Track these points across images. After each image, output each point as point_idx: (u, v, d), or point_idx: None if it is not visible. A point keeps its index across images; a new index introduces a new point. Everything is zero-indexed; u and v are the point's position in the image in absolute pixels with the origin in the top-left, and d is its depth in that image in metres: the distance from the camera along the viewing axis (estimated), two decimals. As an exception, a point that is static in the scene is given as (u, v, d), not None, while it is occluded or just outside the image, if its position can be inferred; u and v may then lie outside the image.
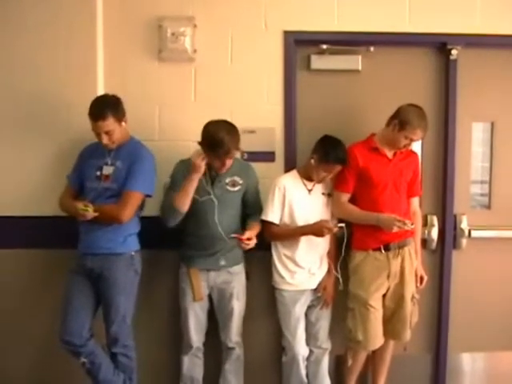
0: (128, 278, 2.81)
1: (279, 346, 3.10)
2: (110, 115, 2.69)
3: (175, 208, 2.76)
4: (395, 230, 2.79)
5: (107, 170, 2.78)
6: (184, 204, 2.75)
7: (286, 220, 2.92)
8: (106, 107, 2.70)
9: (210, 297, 2.97)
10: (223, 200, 2.86)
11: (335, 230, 2.79)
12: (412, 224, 2.80)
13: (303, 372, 3.01)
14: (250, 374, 3.09)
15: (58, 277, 2.95)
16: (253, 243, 2.75)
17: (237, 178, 2.89)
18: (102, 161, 2.80)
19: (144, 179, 2.79)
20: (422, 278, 3.06)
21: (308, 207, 2.92)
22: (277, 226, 2.92)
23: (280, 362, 3.09)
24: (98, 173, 2.78)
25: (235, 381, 3.04)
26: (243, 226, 2.91)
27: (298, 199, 2.92)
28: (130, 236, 2.83)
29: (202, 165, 2.70)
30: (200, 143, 2.75)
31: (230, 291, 2.93)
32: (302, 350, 2.98)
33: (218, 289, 2.94)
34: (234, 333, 2.97)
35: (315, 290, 2.98)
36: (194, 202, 2.84)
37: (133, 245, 2.85)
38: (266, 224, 2.92)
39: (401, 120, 2.81)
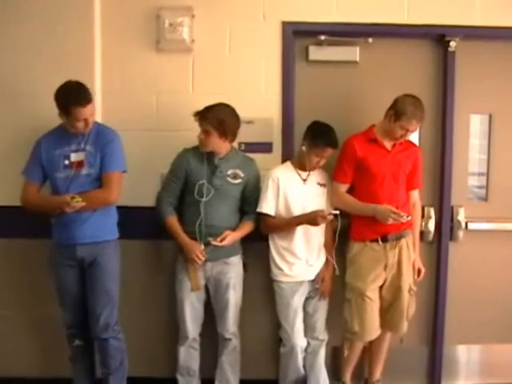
0: (116, 263, 2.86)
1: (276, 337, 3.11)
2: (91, 99, 2.69)
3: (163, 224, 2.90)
4: (390, 221, 2.80)
5: (77, 156, 2.74)
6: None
7: (282, 211, 2.92)
8: (86, 92, 2.68)
9: (206, 287, 2.97)
10: (222, 191, 2.86)
11: (329, 217, 2.79)
12: (408, 216, 2.80)
13: (301, 363, 3.01)
14: (247, 364, 3.10)
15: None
16: (226, 242, 2.81)
17: (239, 171, 2.90)
18: (67, 149, 2.76)
19: (120, 158, 2.81)
20: (419, 271, 3.05)
21: (303, 197, 2.92)
22: (272, 217, 2.92)
23: (277, 353, 3.09)
24: (67, 161, 2.75)
25: (232, 372, 3.04)
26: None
27: (292, 189, 2.92)
28: (114, 223, 2.86)
29: (201, 258, 2.83)
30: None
31: (226, 282, 2.93)
32: (300, 341, 2.98)
33: (215, 279, 2.94)
34: (230, 324, 2.97)
35: (313, 282, 2.99)
36: (192, 190, 2.86)
37: (116, 232, 2.88)
38: (261, 216, 2.93)
39: (396, 110, 2.81)
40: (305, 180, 2.95)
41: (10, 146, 3.05)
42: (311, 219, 2.81)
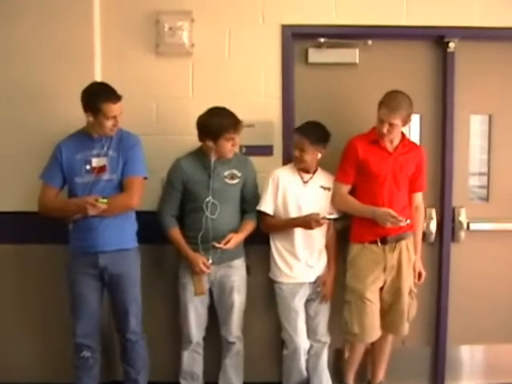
0: (139, 270, 2.87)
1: (279, 340, 3.11)
2: (121, 97, 2.71)
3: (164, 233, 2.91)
4: (389, 225, 2.79)
5: (99, 162, 2.73)
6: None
7: (280, 210, 2.93)
8: (115, 90, 2.70)
9: (210, 291, 2.97)
10: (222, 193, 2.86)
11: (323, 222, 2.79)
12: (407, 220, 2.78)
13: (304, 365, 3.01)
14: (250, 367, 3.09)
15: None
16: (228, 245, 2.81)
17: (235, 171, 2.90)
18: (88, 153, 2.75)
19: (142, 163, 2.81)
20: (420, 274, 3.03)
21: (302, 199, 2.92)
22: (271, 216, 2.93)
23: (280, 356, 3.09)
24: (88, 166, 2.73)
25: (235, 375, 3.03)
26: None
27: (292, 190, 2.93)
28: (135, 231, 2.86)
29: (206, 271, 2.84)
30: (204, 133, 2.80)
31: (230, 285, 2.92)
32: (303, 342, 2.98)
33: (219, 282, 2.94)
34: (234, 327, 2.97)
35: (314, 284, 2.99)
36: (193, 197, 2.86)
37: (136, 240, 2.88)
38: (261, 215, 2.94)
39: (378, 103, 2.83)
40: (306, 182, 2.95)
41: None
42: (306, 223, 2.81)
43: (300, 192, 2.94)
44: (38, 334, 3.21)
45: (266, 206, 2.93)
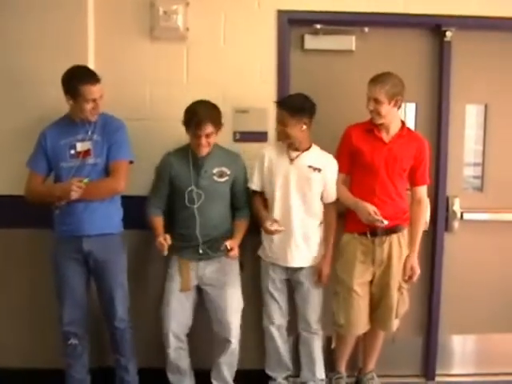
0: (124, 256, 2.85)
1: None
2: (100, 80, 2.68)
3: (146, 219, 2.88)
4: (366, 222, 2.75)
5: (83, 146, 2.71)
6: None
7: (267, 187, 2.92)
8: (94, 72, 2.69)
9: (198, 288, 2.91)
10: (210, 191, 2.82)
11: (271, 232, 2.80)
12: (383, 221, 2.70)
13: (278, 341, 3.02)
14: (242, 355, 3.04)
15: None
16: (234, 254, 2.78)
17: (224, 169, 2.85)
18: (72, 138, 2.72)
19: (128, 147, 2.79)
20: (412, 270, 2.90)
21: (288, 176, 2.86)
22: (260, 193, 2.94)
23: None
24: (73, 151, 2.71)
25: (229, 371, 2.96)
26: (233, 219, 2.94)
27: (278, 167, 2.88)
28: (120, 217, 2.84)
29: (164, 244, 2.71)
30: (183, 123, 2.77)
31: (222, 281, 2.87)
32: (276, 319, 3.00)
33: (209, 279, 2.88)
34: (233, 326, 2.86)
35: (297, 271, 2.93)
36: (180, 193, 2.82)
37: (121, 226, 2.86)
38: (251, 192, 2.96)
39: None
40: (292, 160, 2.89)
41: (11, 135, 3.01)
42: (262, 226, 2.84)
43: (286, 170, 2.87)
44: (26, 319, 3.18)
45: (252, 183, 2.93)
